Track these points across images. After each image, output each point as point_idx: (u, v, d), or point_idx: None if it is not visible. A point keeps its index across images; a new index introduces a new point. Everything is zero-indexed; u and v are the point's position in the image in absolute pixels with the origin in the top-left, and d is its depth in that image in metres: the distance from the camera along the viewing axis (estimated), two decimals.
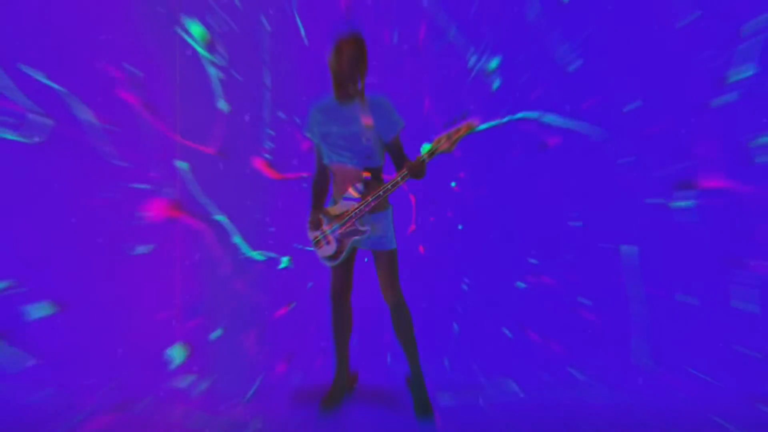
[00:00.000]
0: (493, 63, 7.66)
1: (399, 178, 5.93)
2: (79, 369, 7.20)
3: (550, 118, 7.68)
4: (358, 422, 6.15)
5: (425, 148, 5.93)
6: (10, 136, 7.23)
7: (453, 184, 7.72)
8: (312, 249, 6.55)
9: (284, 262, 7.67)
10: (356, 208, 6.08)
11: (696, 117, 7.65)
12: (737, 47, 7.50)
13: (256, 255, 7.63)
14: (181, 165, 7.46)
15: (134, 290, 7.41)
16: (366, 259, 7.27)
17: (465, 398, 6.67)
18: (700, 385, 7.15)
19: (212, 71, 7.47)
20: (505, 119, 7.68)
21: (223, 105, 7.49)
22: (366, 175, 6.09)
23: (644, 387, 7.11)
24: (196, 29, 7.42)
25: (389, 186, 5.97)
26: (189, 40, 7.42)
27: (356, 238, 6.17)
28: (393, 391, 6.80)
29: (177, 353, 7.42)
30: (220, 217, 7.53)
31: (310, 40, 7.53)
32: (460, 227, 7.74)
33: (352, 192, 6.10)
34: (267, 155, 7.57)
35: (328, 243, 6.25)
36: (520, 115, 7.69)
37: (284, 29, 7.53)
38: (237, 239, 7.56)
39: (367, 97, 6.08)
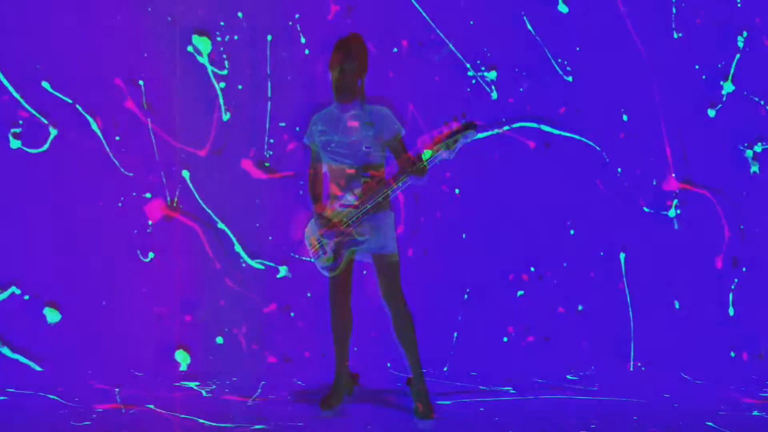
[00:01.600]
0: (492, 74, 7.78)
1: (396, 184, 6.02)
2: (84, 372, 7.33)
3: (549, 128, 7.82)
4: (358, 422, 6.18)
5: (426, 154, 5.95)
6: (20, 144, 7.42)
7: (457, 191, 7.77)
8: (310, 259, 6.56)
9: (282, 271, 7.71)
10: (354, 216, 6.10)
11: (694, 126, 7.86)
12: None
13: (255, 264, 7.70)
14: (185, 174, 7.59)
15: (139, 294, 7.55)
16: (365, 272, 7.19)
17: (464, 402, 6.71)
18: (691, 388, 7.26)
19: (216, 82, 7.61)
20: (505, 128, 7.79)
21: (225, 114, 7.62)
22: (369, 175, 6.12)
23: (636, 388, 7.19)
24: (203, 43, 7.57)
25: (388, 191, 6.05)
26: (196, 55, 7.56)
27: (353, 248, 6.21)
28: (393, 392, 6.87)
29: (181, 357, 7.56)
30: (222, 226, 7.65)
31: (311, 51, 7.63)
32: (464, 236, 7.80)
33: (348, 197, 6.14)
34: (266, 163, 7.66)
35: (324, 252, 6.27)
36: (519, 124, 7.81)
37: (285, 42, 7.65)
38: (237, 248, 7.65)
39: (369, 105, 6.17)
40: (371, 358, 7.58)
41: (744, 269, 7.94)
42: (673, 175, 7.90)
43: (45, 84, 7.42)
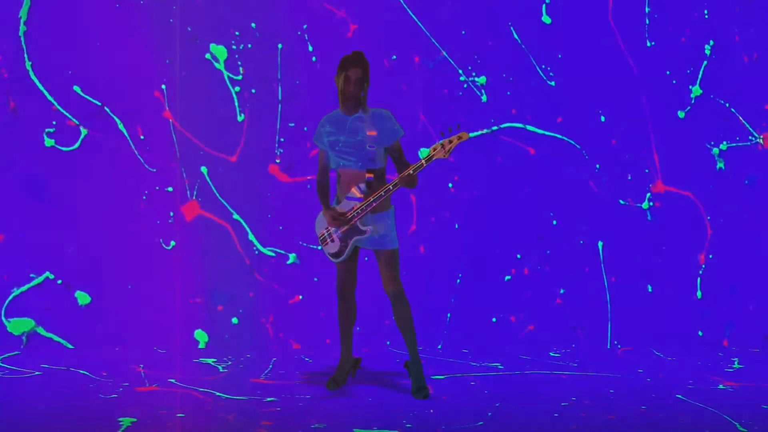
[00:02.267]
0: (482, 79, 7.96)
1: (391, 186, 6.17)
2: (111, 350, 7.63)
3: (534, 128, 8.03)
4: (361, 401, 6.29)
5: (423, 153, 6.19)
6: (53, 143, 7.67)
7: (450, 185, 7.94)
8: (318, 247, 6.77)
9: (291, 258, 7.88)
10: (357, 208, 6.22)
11: (665, 126, 8.08)
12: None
13: (268, 252, 7.88)
14: (204, 170, 7.77)
15: (161, 279, 7.77)
16: (366, 258, 7.39)
17: (457, 379, 6.88)
18: (663, 365, 7.46)
19: (231, 86, 7.80)
20: (494, 128, 7.97)
21: (240, 115, 7.80)
22: (369, 176, 6.22)
23: (612, 364, 7.40)
24: (220, 51, 7.75)
25: (382, 192, 6.18)
26: (213, 62, 7.76)
27: (358, 237, 6.30)
28: (392, 373, 6.98)
29: (200, 337, 7.77)
30: (237, 217, 7.82)
31: (318, 58, 7.82)
32: (456, 227, 7.98)
33: (355, 192, 6.25)
34: (278, 161, 7.81)
35: (332, 241, 6.40)
36: (506, 125, 8.00)
37: (295, 50, 7.82)
38: (251, 237, 7.81)
39: (371, 110, 6.33)
40: (373, 341, 7.84)
41: (711, 257, 8.14)
42: (646, 171, 8.06)
43: (76, 88, 7.66)
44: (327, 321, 7.79)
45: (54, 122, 7.68)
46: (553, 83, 8.06)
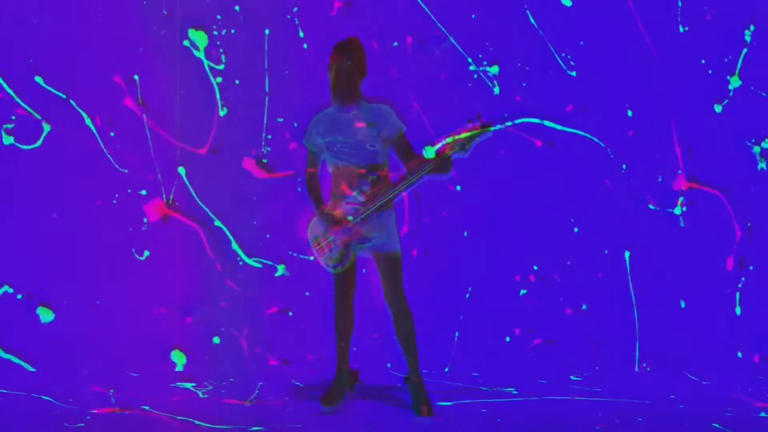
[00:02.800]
0: (494, 68, 7.76)
1: (407, 183, 6.09)
2: (78, 373, 7.34)
3: (552, 123, 7.78)
4: (359, 419, 6.20)
5: (428, 151, 5.99)
6: (12, 140, 7.46)
7: (458, 188, 7.75)
8: (312, 257, 6.65)
9: (280, 269, 7.71)
10: (363, 212, 6.13)
11: (700, 122, 7.85)
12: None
13: (253, 262, 7.70)
14: (181, 171, 7.59)
15: (134, 293, 7.59)
16: (364, 270, 7.15)
17: (465, 403, 6.71)
18: (697, 389, 7.24)
19: (212, 77, 7.62)
20: (508, 123, 7.74)
21: (222, 109, 7.63)
22: (362, 172, 6.14)
23: (641, 389, 7.16)
24: (199, 37, 7.59)
25: (400, 190, 6.11)
26: (192, 49, 7.57)
27: (360, 243, 6.25)
28: (394, 389, 6.92)
29: (177, 358, 7.58)
30: (219, 224, 7.65)
31: (309, 45, 7.63)
32: (465, 234, 7.80)
33: (356, 193, 6.17)
34: (264, 159, 7.66)
35: (329, 249, 6.31)
36: (521, 119, 7.76)
37: (284, 35, 7.65)
38: (234, 246, 7.65)
39: (369, 104, 6.25)
40: (372, 357, 7.61)
41: (751, 268, 7.92)
42: (679, 172, 7.87)
43: (38, 79, 7.45)
44: (311, 335, 7.70)
45: (13, 117, 7.51)
46: (573, 73, 7.86)
